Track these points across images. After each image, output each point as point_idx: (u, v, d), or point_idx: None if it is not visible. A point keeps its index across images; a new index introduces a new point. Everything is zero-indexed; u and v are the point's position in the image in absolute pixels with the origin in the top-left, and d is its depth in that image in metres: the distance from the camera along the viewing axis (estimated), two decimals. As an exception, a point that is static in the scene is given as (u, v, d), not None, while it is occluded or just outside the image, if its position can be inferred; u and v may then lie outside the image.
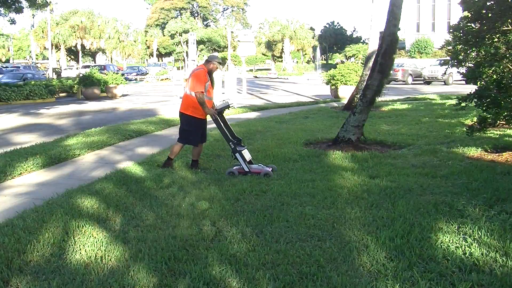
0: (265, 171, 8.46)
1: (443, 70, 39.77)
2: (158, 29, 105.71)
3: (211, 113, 8.86)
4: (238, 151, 8.65)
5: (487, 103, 9.17)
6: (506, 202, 6.42)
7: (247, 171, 8.52)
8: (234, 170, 8.62)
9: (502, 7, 9.02)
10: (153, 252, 5.05)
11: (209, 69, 8.93)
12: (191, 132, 9.00)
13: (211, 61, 8.97)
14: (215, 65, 8.96)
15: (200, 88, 8.63)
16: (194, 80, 8.70)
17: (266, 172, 8.45)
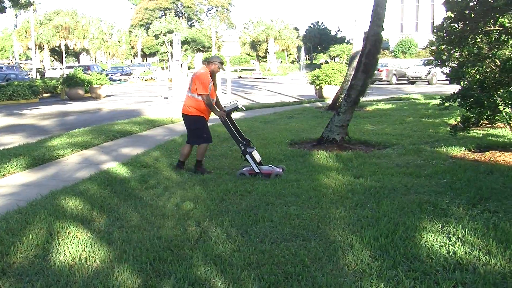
0: (276, 172, 8.42)
1: (427, 70, 39.70)
2: (142, 29, 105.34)
3: (220, 115, 8.77)
4: (248, 152, 8.57)
5: (470, 103, 9.22)
6: (489, 201, 6.47)
7: (258, 172, 8.45)
8: (244, 171, 8.55)
9: (484, 7, 9.07)
10: (138, 253, 5.04)
11: (211, 70, 8.80)
12: (202, 130, 8.86)
13: (213, 61, 8.84)
14: (216, 65, 8.83)
15: (205, 90, 8.54)
16: (197, 83, 8.59)
17: (277, 173, 8.41)
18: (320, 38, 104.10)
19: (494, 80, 9.12)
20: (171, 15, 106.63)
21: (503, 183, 7.28)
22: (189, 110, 8.79)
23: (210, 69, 8.80)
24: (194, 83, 8.64)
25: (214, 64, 8.80)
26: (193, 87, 8.64)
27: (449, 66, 10.10)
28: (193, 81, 8.66)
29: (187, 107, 8.81)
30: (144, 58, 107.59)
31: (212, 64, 8.81)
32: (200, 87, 8.55)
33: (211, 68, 8.80)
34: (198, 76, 8.67)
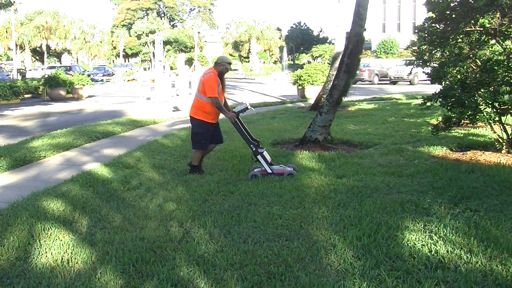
0: (288, 171, 8.41)
1: (409, 70, 40.10)
2: (124, 29, 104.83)
3: (230, 116, 8.65)
4: (259, 153, 8.53)
5: (451, 103, 9.27)
6: (470, 200, 6.51)
7: (270, 172, 8.42)
8: (256, 172, 8.49)
9: (465, 8, 9.13)
10: (120, 254, 5.02)
11: (219, 71, 8.70)
12: (203, 136, 8.75)
13: (220, 63, 8.75)
14: (224, 66, 8.75)
15: (214, 92, 8.44)
16: (206, 85, 8.50)
17: (290, 171, 8.40)
18: (303, 39, 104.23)
19: (475, 80, 9.18)
20: (153, 15, 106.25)
21: (484, 182, 7.32)
22: (196, 113, 8.70)
23: (218, 70, 8.70)
24: (202, 85, 8.54)
25: (221, 65, 8.72)
26: (202, 89, 8.55)
27: (430, 66, 10.15)
28: (202, 83, 8.56)
29: (195, 109, 8.72)
30: (126, 59, 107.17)
31: (219, 65, 8.73)
32: (209, 89, 8.45)
33: (219, 69, 8.71)
34: (206, 78, 8.55)
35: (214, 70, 8.67)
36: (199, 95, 8.64)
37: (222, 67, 8.73)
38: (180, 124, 16.03)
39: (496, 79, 8.79)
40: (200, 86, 8.60)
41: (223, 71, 8.77)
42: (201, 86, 8.58)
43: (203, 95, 8.56)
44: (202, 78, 8.60)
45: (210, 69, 8.83)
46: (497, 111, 9.07)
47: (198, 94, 8.66)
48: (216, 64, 8.77)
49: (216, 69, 8.71)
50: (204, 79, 8.54)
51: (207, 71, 8.74)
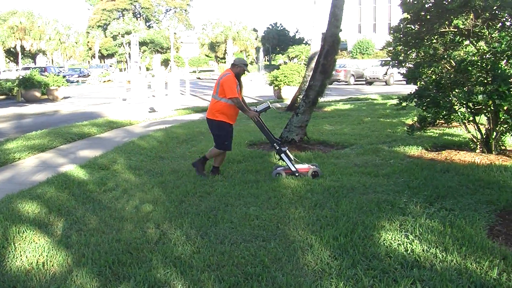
0: (313, 170, 8.41)
1: (384, 70, 40.39)
2: (100, 30, 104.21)
3: (253, 116, 8.65)
4: (283, 151, 8.54)
5: (426, 103, 9.34)
6: (445, 199, 6.57)
7: (295, 170, 8.40)
8: (280, 171, 8.47)
9: (439, 9, 9.21)
10: (97, 256, 4.99)
11: (236, 72, 8.67)
12: (224, 137, 8.65)
13: (238, 64, 8.73)
14: (241, 68, 8.71)
15: (234, 93, 8.39)
16: (225, 86, 8.43)
17: (315, 169, 8.41)
18: (279, 39, 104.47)
19: (450, 81, 9.25)
20: (129, 16, 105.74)
21: (459, 182, 7.39)
22: (214, 115, 8.59)
23: (236, 71, 8.67)
24: (221, 86, 8.47)
25: (239, 66, 8.69)
26: (221, 91, 8.47)
27: (405, 66, 10.22)
28: (221, 85, 8.48)
29: (213, 111, 8.62)
30: (102, 60, 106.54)
31: (237, 67, 8.69)
32: (229, 90, 8.39)
33: (236, 71, 8.67)
34: (225, 80, 8.49)
35: (231, 72, 8.65)
36: (217, 97, 8.56)
37: (239, 68, 8.70)
38: (157, 125, 15.98)
39: (470, 80, 8.87)
40: (219, 88, 8.53)
41: (240, 72, 8.75)
42: (220, 87, 8.51)
43: (221, 97, 8.49)
44: (220, 80, 8.54)
45: (227, 70, 8.78)
46: (471, 111, 9.15)
47: (216, 96, 8.57)
48: (234, 66, 8.76)
49: (233, 70, 8.68)
50: (223, 81, 8.49)
51: (225, 73, 8.69)
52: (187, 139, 12.63)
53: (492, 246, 4.92)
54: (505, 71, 8.25)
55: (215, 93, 8.62)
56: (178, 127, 15.16)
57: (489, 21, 9.06)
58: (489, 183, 7.24)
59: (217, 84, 8.59)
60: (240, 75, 8.76)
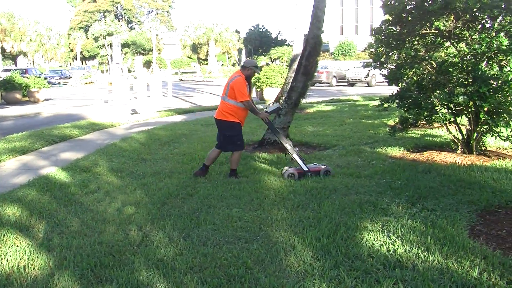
0: (325, 169, 8.46)
1: (366, 72, 40.55)
2: (81, 32, 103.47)
3: (264, 117, 8.69)
4: (295, 152, 8.57)
5: (408, 104, 9.38)
6: (427, 199, 6.61)
7: (307, 170, 8.41)
8: (293, 171, 8.45)
9: (421, 11, 9.26)
10: (79, 259, 4.96)
11: (247, 74, 8.61)
12: (237, 137, 8.62)
13: (248, 66, 8.65)
14: (252, 70, 8.66)
15: (244, 96, 8.36)
16: (236, 89, 8.38)
17: (326, 169, 8.46)
18: (261, 41, 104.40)
19: (431, 82, 9.30)
20: (111, 17, 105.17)
21: (440, 182, 7.44)
22: (225, 116, 8.55)
23: (246, 74, 8.62)
24: (231, 89, 8.42)
25: (249, 69, 8.63)
26: (231, 93, 8.43)
27: (387, 68, 10.26)
28: (230, 87, 8.43)
29: (223, 112, 8.57)
30: (83, 61, 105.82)
31: (247, 69, 8.63)
32: (239, 94, 8.35)
33: (247, 73, 8.62)
34: (235, 82, 8.44)
35: (241, 74, 8.60)
36: (226, 99, 8.53)
37: (250, 70, 8.66)
38: (139, 127, 15.93)
39: (451, 81, 8.93)
40: (229, 90, 8.48)
41: (251, 75, 8.71)
42: (230, 90, 8.46)
43: (231, 99, 8.46)
44: (231, 82, 8.48)
45: (237, 72, 8.74)
46: (452, 112, 9.21)
47: (226, 98, 8.54)
48: (244, 68, 8.68)
49: (243, 72, 8.62)
50: (233, 83, 8.44)
51: (235, 75, 8.64)
52: (170, 141, 12.59)
53: (473, 246, 4.96)
54: (485, 73, 8.31)
55: (224, 94, 8.58)
56: (161, 129, 15.12)
57: (470, 22, 9.13)
58: (470, 183, 7.30)
59: (226, 86, 8.55)
60: (251, 77, 8.74)
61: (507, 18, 8.68)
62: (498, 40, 8.26)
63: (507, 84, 8.21)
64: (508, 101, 8.39)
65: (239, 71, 8.71)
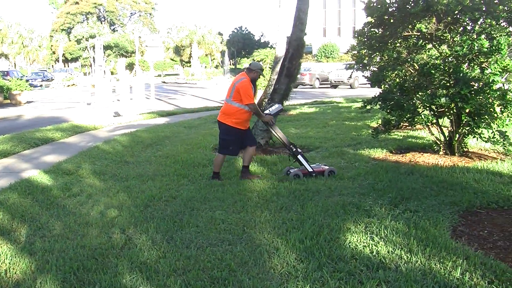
0: (329, 169, 8.53)
1: (349, 74, 40.72)
2: (64, 34, 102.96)
3: (268, 120, 8.62)
4: (299, 152, 8.61)
5: (391, 106, 9.42)
6: (410, 201, 6.64)
7: (311, 171, 8.46)
8: (298, 172, 8.48)
9: (403, 13, 9.31)
10: (61, 263, 4.93)
11: (252, 77, 8.54)
12: (230, 142, 8.54)
13: (254, 69, 8.59)
14: (257, 73, 8.63)
15: (250, 99, 8.31)
16: (242, 92, 8.31)
17: (330, 169, 8.52)
18: (244, 43, 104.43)
19: (413, 84, 9.35)
20: (94, 19, 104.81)
21: (423, 183, 7.48)
22: (225, 119, 8.49)
23: (252, 76, 8.55)
24: (237, 92, 8.34)
25: (255, 72, 8.59)
26: (236, 96, 8.36)
27: (370, 70, 10.29)
28: (236, 90, 8.36)
29: (225, 115, 8.51)
30: (66, 64, 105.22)
31: (253, 72, 8.58)
32: (246, 96, 8.29)
33: (252, 76, 8.56)
34: (241, 84, 8.37)
35: (247, 76, 8.53)
36: (231, 101, 8.45)
37: (255, 73, 8.62)
38: (122, 130, 15.87)
39: (433, 83, 8.98)
40: (234, 92, 8.40)
41: (256, 77, 8.69)
42: (234, 92, 8.39)
43: (236, 102, 8.39)
44: (237, 84, 8.41)
45: (242, 74, 8.65)
46: (434, 114, 9.27)
47: (230, 100, 8.46)
48: (250, 71, 8.61)
49: (249, 75, 8.55)
50: (239, 86, 8.36)
51: (240, 77, 8.57)
52: (153, 144, 12.56)
53: (455, 247, 4.99)
54: (467, 74, 8.37)
55: (228, 97, 8.51)
56: (143, 131, 15.07)
57: (451, 25, 9.19)
58: (452, 184, 7.34)
59: (231, 88, 8.49)
60: (256, 79, 8.72)
61: (488, 21, 8.74)
62: (479, 42, 8.32)
63: (488, 86, 8.27)
64: (489, 102, 8.46)
65: (244, 73, 8.64)
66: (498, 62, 8.32)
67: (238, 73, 8.83)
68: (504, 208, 6.35)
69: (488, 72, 8.38)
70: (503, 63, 8.29)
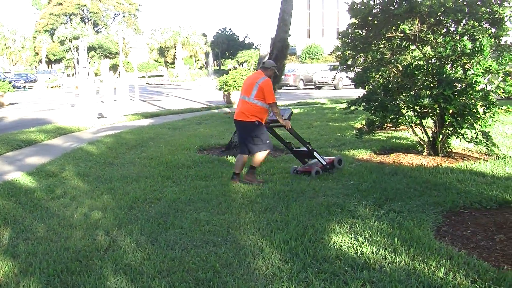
0: (338, 158, 8.94)
1: (333, 75, 40.71)
2: (47, 35, 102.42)
3: (286, 123, 8.56)
4: (315, 150, 8.84)
5: (374, 107, 9.46)
6: (394, 201, 6.66)
7: (325, 164, 8.72)
8: (318, 169, 8.66)
9: (386, 14, 9.35)
10: (45, 265, 4.89)
11: (269, 75, 8.52)
12: (265, 135, 8.45)
13: (269, 67, 8.58)
14: (273, 70, 8.65)
15: (274, 98, 8.30)
16: (266, 91, 8.24)
17: (338, 158, 8.96)
18: (228, 44, 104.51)
19: (397, 85, 9.40)
20: (77, 20, 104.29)
21: (407, 184, 7.51)
22: (248, 116, 8.34)
23: (268, 74, 8.52)
24: (260, 90, 8.25)
25: (271, 69, 8.58)
26: (258, 94, 8.26)
27: (354, 71, 10.33)
28: (260, 88, 8.25)
29: (246, 113, 8.36)
30: (49, 65, 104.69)
31: (269, 69, 8.56)
32: (270, 95, 8.24)
33: (268, 74, 8.53)
34: (265, 83, 8.28)
35: (263, 74, 8.50)
36: (253, 100, 8.33)
37: (271, 71, 8.61)
38: (106, 131, 15.80)
39: (417, 83, 9.03)
40: (256, 91, 8.29)
41: (271, 75, 8.68)
42: (257, 91, 8.28)
43: (259, 100, 8.30)
44: (260, 83, 8.29)
45: (259, 73, 8.58)
46: (418, 115, 9.31)
47: (252, 99, 8.34)
48: (266, 69, 8.57)
49: (265, 73, 8.52)
50: (262, 84, 8.26)
51: (259, 76, 8.48)
52: (137, 145, 12.52)
53: (439, 247, 5.01)
54: (450, 75, 8.42)
55: (249, 95, 8.37)
56: (127, 132, 15.02)
57: (434, 26, 9.24)
58: (436, 185, 7.38)
59: (252, 86, 8.35)
60: (271, 77, 8.69)
61: (471, 22, 8.82)
62: (462, 44, 8.37)
63: (471, 86, 8.33)
64: (472, 103, 8.52)
65: (261, 72, 8.60)
66: (480, 63, 8.38)
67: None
68: (487, 208, 6.39)
69: (471, 73, 8.43)
70: (486, 64, 8.35)
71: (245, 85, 8.55)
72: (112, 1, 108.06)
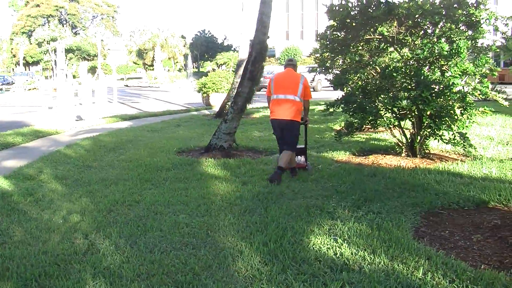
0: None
1: (312, 77, 40.84)
2: (24, 37, 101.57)
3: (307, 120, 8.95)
4: None
5: (353, 108, 9.50)
6: (372, 202, 6.70)
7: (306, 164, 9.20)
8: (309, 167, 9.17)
9: (365, 16, 9.39)
10: (22, 270, 4.84)
11: None
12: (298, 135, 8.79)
13: (295, 64, 8.87)
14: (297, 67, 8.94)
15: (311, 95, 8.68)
16: (308, 89, 8.57)
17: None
18: (207, 46, 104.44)
19: (375, 86, 9.45)
20: (55, 22, 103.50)
21: (385, 185, 7.55)
22: (297, 116, 8.51)
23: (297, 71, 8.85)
24: (305, 88, 8.45)
25: (296, 66, 8.89)
26: (304, 93, 8.47)
27: (332, 73, 10.38)
28: (305, 87, 8.45)
29: (296, 113, 8.50)
30: (26, 67, 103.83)
31: (296, 67, 8.89)
32: (310, 93, 8.61)
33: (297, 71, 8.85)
34: (307, 82, 8.57)
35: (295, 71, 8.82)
36: (300, 99, 8.50)
37: (296, 68, 8.89)
38: (84, 134, 15.69)
39: (395, 85, 9.08)
40: (301, 90, 8.46)
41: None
42: (302, 90, 8.47)
43: (303, 98, 8.56)
44: (304, 82, 8.53)
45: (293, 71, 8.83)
46: (396, 116, 9.37)
47: (299, 97, 8.47)
48: (295, 66, 8.86)
49: (296, 70, 8.84)
50: (306, 83, 8.54)
51: (297, 74, 8.75)
52: (115, 147, 12.45)
53: (417, 247, 5.05)
54: (428, 77, 8.49)
55: (295, 94, 8.46)
56: (106, 135, 14.93)
57: (412, 28, 9.30)
58: (414, 186, 7.43)
59: (297, 85, 8.49)
60: None
61: (448, 25, 8.89)
62: (440, 46, 8.44)
63: (448, 88, 8.40)
64: (450, 105, 8.59)
65: (292, 69, 8.83)
66: (458, 65, 8.46)
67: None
68: (465, 208, 6.46)
69: (448, 75, 8.51)
70: (463, 66, 8.43)
71: (285, 83, 8.62)
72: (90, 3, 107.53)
